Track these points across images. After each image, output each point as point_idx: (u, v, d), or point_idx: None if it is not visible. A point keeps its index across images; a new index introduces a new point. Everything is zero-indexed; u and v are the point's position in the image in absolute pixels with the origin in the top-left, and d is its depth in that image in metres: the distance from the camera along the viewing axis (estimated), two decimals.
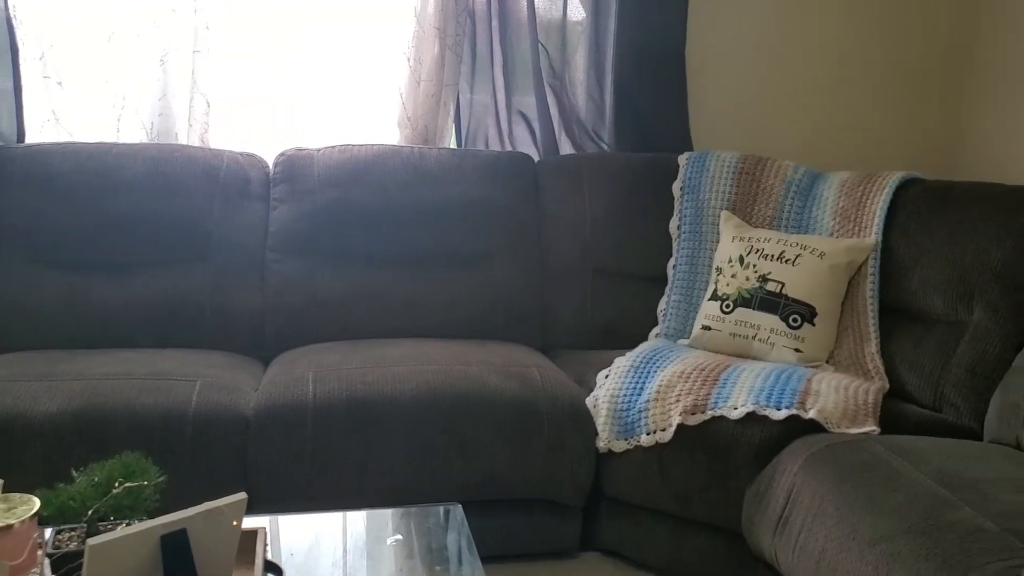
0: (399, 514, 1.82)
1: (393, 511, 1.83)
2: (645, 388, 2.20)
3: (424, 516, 1.79)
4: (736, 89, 3.01)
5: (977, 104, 2.92)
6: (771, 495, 1.92)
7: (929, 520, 1.58)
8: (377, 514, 1.84)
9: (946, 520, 1.57)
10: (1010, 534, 1.52)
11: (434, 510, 1.79)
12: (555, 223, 2.74)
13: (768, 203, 2.68)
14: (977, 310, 2.21)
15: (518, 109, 2.91)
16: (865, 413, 2.06)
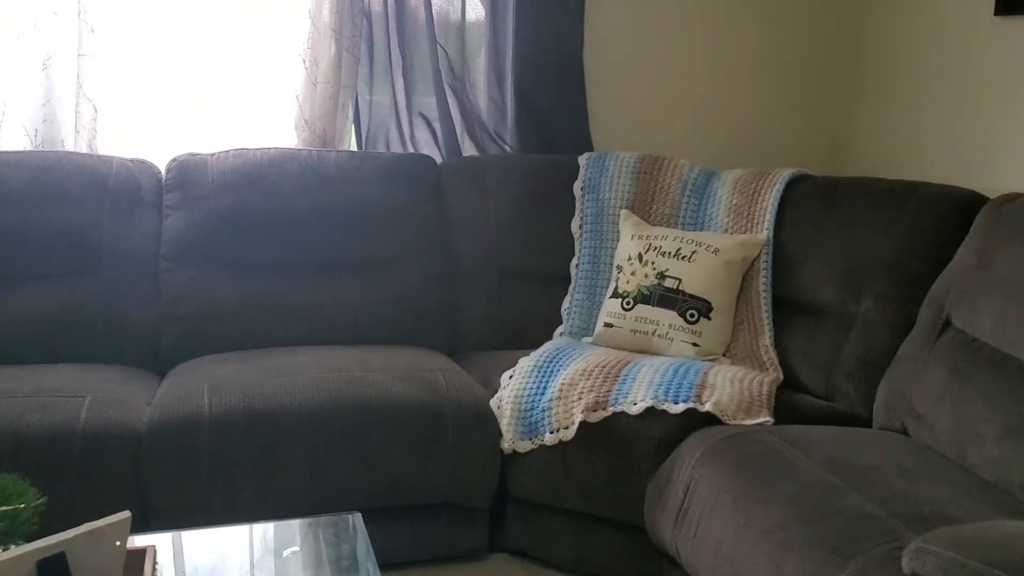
0: (298, 525, 1.79)
1: (292, 522, 1.80)
2: (548, 387, 2.21)
3: (323, 526, 1.76)
4: (634, 90, 3.05)
5: (864, 103, 3.02)
6: (670, 489, 1.95)
7: (819, 508, 1.62)
8: (277, 526, 1.81)
9: (835, 507, 1.61)
10: (895, 518, 1.57)
11: (334, 520, 1.76)
12: (459, 225, 2.73)
13: (666, 201, 2.72)
14: (865, 301, 2.29)
15: (419, 111, 2.89)
16: (760, 404, 2.11)
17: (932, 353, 2.02)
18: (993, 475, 1.78)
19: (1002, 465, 1.76)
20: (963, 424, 1.86)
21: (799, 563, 1.54)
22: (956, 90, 2.63)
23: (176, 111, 2.75)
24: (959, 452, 1.87)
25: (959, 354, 1.95)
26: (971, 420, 1.85)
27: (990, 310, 1.92)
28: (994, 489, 1.75)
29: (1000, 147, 2.48)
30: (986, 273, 1.97)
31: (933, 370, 1.99)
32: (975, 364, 1.91)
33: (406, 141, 2.88)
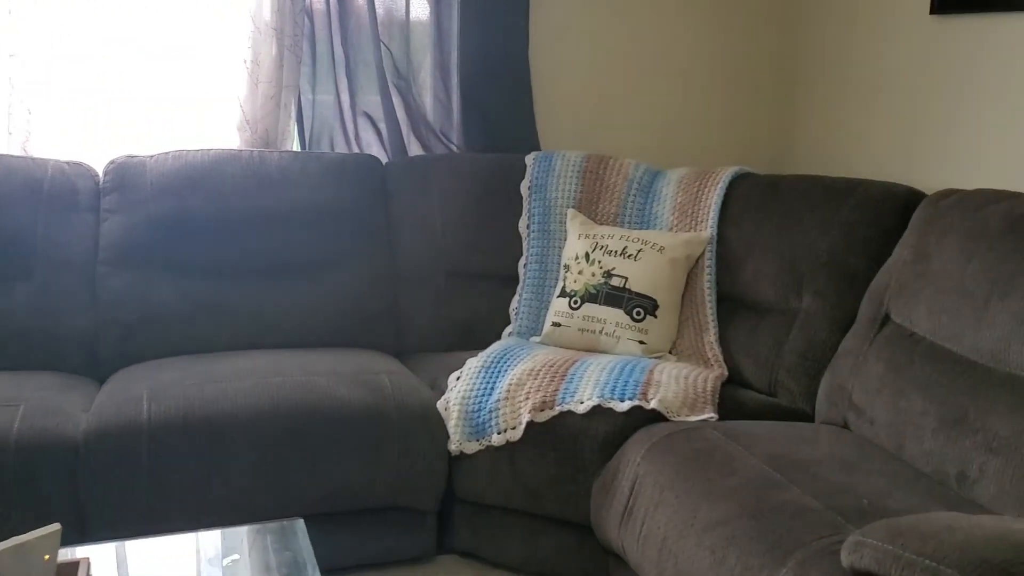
0: (241, 533, 1.76)
1: (234, 530, 1.77)
2: (496, 388, 2.21)
3: (266, 533, 1.74)
4: (581, 89, 3.06)
5: (805, 102, 3.06)
6: (616, 487, 1.96)
7: (760, 502, 1.64)
8: (219, 534, 1.78)
9: (776, 501, 1.63)
10: (834, 511, 1.59)
11: (277, 526, 1.73)
12: (405, 225, 2.71)
13: (612, 200, 2.73)
14: (806, 297, 2.32)
15: (363, 110, 2.86)
16: (704, 401, 2.13)
17: (871, 348, 2.06)
18: (930, 467, 1.81)
19: (938, 457, 1.79)
20: (901, 417, 1.90)
21: (741, 558, 1.55)
22: (894, 89, 2.68)
23: (115, 113, 2.69)
24: (898, 445, 1.90)
25: (897, 348, 1.99)
26: (908, 413, 1.88)
27: (926, 304, 1.96)
28: (931, 481, 1.78)
29: (938, 144, 2.53)
30: (923, 268, 2.01)
31: (872, 364, 2.02)
32: (912, 358, 1.94)
33: (351, 141, 2.85)
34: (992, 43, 2.35)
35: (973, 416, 1.76)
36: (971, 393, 1.78)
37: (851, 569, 1.37)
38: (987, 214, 1.93)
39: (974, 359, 1.83)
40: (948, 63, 2.49)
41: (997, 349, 1.77)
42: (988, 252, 1.86)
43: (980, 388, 1.78)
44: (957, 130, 2.46)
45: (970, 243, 1.91)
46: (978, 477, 1.71)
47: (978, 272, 1.85)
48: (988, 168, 2.37)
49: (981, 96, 2.39)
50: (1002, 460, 1.67)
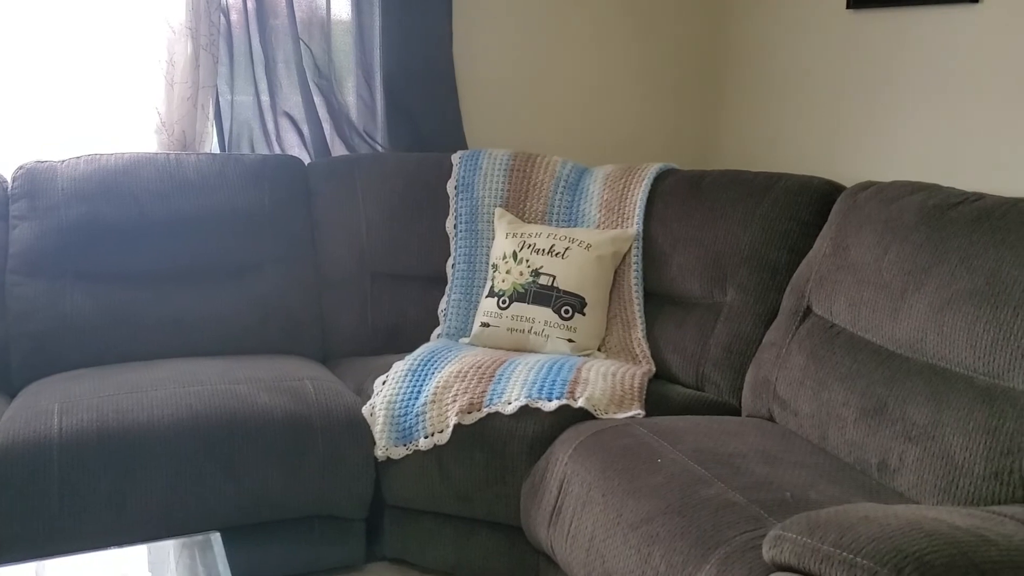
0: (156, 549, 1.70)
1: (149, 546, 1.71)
2: (422, 391, 2.18)
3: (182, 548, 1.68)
4: (507, 87, 3.04)
5: (729, 98, 3.09)
6: (545, 487, 1.94)
7: (684, 498, 1.63)
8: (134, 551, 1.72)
9: (700, 497, 1.63)
10: (757, 505, 1.60)
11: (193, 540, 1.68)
12: (329, 227, 2.66)
13: (539, 199, 2.72)
14: (730, 292, 2.33)
15: (284, 110, 2.80)
16: (631, 397, 2.13)
17: (794, 340, 2.07)
18: (852, 457, 1.83)
19: (859, 447, 1.81)
20: (823, 408, 1.91)
21: (666, 556, 1.55)
22: (814, 83, 2.71)
23: (24, 118, 2.59)
24: (821, 436, 1.91)
25: (818, 340, 2.01)
26: (830, 404, 1.90)
27: (846, 296, 1.98)
28: (853, 471, 1.80)
29: (857, 137, 2.57)
30: (841, 260, 2.03)
31: (795, 356, 2.04)
32: (833, 349, 1.96)
33: (272, 142, 2.79)
34: (907, 37, 2.39)
35: (892, 406, 1.78)
36: (890, 383, 1.80)
37: (772, 563, 1.37)
38: (903, 206, 1.96)
39: (892, 349, 1.85)
40: (865, 57, 2.52)
41: (914, 339, 1.80)
42: (903, 244, 1.88)
43: (898, 378, 1.80)
44: (876, 123, 2.50)
45: (886, 235, 1.93)
46: (898, 466, 1.73)
47: (894, 264, 1.88)
48: (906, 160, 2.41)
49: (898, 89, 2.43)
50: (920, 449, 1.70)
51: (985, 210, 1.80)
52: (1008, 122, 2.13)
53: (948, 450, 1.65)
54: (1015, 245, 1.69)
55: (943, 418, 1.68)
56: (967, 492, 1.61)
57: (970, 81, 2.22)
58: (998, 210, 1.78)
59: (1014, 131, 2.12)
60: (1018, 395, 1.59)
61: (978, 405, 1.64)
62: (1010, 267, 1.67)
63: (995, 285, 1.67)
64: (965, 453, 1.62)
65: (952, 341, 1.72)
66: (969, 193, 1.90)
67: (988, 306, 1.67)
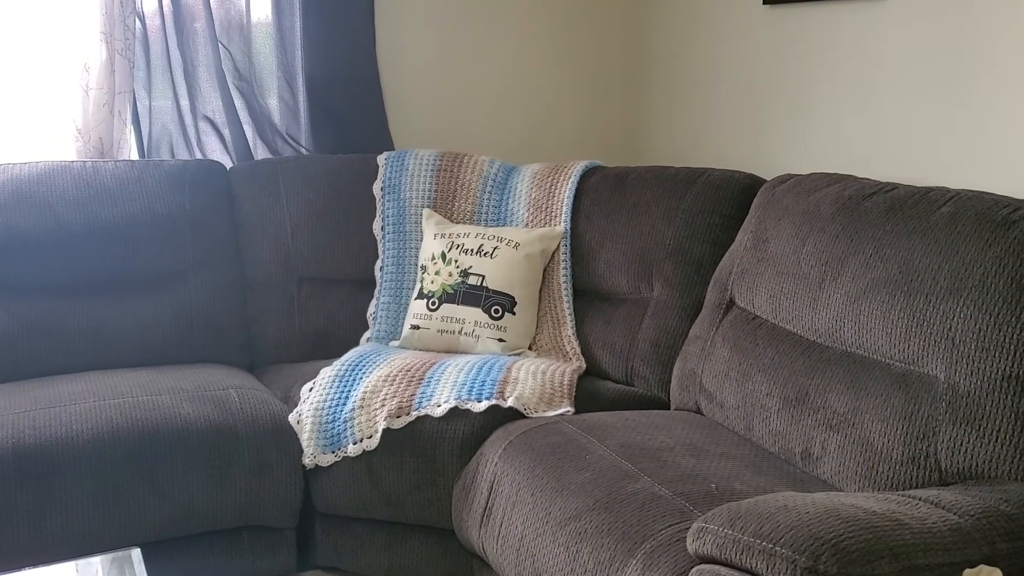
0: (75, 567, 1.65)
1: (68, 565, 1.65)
2: (350, 396, 2.15)
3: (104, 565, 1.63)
4: (432, 86, 3.02)
5: (652, 94, 3.11)
6: (475, 488, 1.93)
7: (611, 494, 1.63)
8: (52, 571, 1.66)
9: (626, 492, 1.63)
10: (682, 498, 1.60)
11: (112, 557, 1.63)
12: (253, 232, 2.61)
13: (467, 199, 2.71)
14: (656, 286, 2.35)
15: (204, 114, 2.74)
16: (561, 395, 2.13)
17: (718, 333, 2.09)
18: (776, 446, 1.85)
19: (783, 436, 1.83)
20: (748, 399, 1.93)
21: (593, 552, 1.55)
22: (733, 79, 2.74)
23: None
24: (746, 427, 1.93)
25: (741, 332, 2.03)
26: (754, 395, 1.92)
27: (767, 288, 2.00)
28: (778, 460, 1.82)
29: (778, 131, 2.60)
30: (762, 253, 2.05)
31: (719, 349, 2.06)
32: (756, 340, 1.98)
33: (192, 147, 2.74)
34: (821, 32, 2.43)
35: (813, 395, 1.80)
36: (810, 372, 1.83)
37: (696, 555, 1.37)
38: (819, 198, 1.99)
39: (812, 339, 1.88)
40: (782, 52, 2.56)
41: (832, 328, 1.83)
42: (820, 235, 1.91)
43: (818, 367, 1.82)
44: (794, 116, 2.54)
45: (804, 226, 1.96)
46: (820, 454, 1.75)
47: (812, 255, 1.91)
48: (824, 152, 2.45)
49: (814, 83, 2.46)
50: (841, 436, 1.72)
51: (898, 200, 1.83)
52: (918, 113, 2.17)
53: (867, 437, 1.67)
54: (926, 233, 1.72)
55: (862, 405, 1.70)
56: (887, 477, 1.64)
57: (882, 74, 2.26)
58: (910, 199, 1.81)
59: (925, 121, 2.16)
60: (932, 380, 1.62)
61: (895, 391, 1.67)
62: (922, 255, 1.70)
63: (908, 273, 1.71)
64: (883, 439, 1.65)
65: (868, 329, 1.75)
66: (883, 183, 1.93)
67: (902, 294, 1.70)
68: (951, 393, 1.58)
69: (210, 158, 2.74)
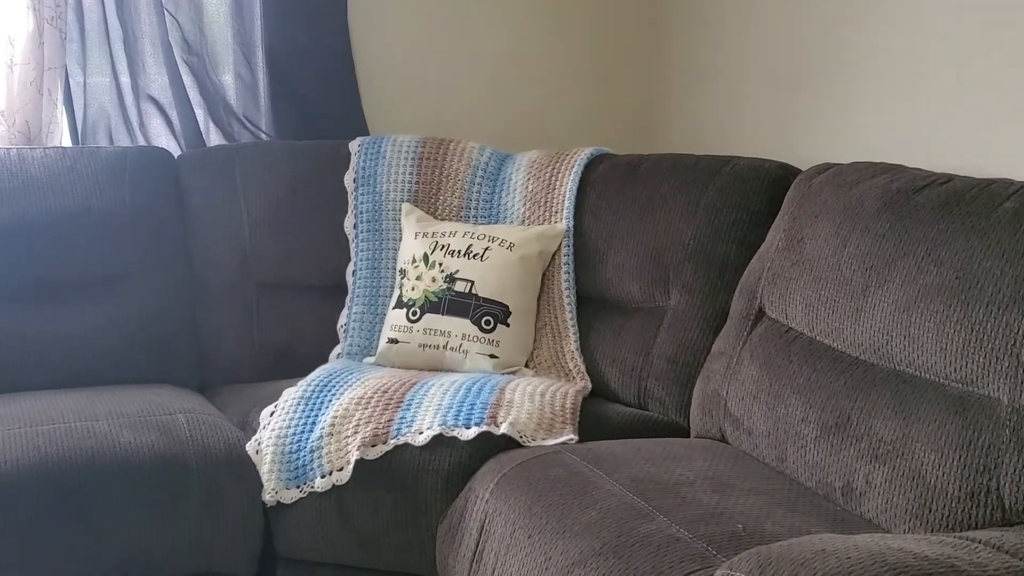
0: None
1: None
2: (318, 422, 2.16)
3: None
4: (414, 62, 3.03)
5: (671, 71, 3.12)
6: (463, 529, 1.94)
7: (621, 536, 1.64)
8: None
9: (639, 534, 1.63)
10: (703, 540, 1.60)
11: None
12: (205, 230, 2.65)
13: (454, 192, 2.73)
14: (674, 293, 2.36)
15: (148, 93, 2.79)
16: (562, 420, 2.14)
17: (745, 348, 2.10)
18: (813, 481, 1.85)
19: (821, 468, 1.83)
20: (780, 426, 1.94)
21: None
22: (764, 52, 2.75)
23: None
24: (778, 457, 1.94)
25: (773, 347, 2.03)
26: (788, 421, 1.92)
27: (802, 296, 2.01)
28: (815, 496, 1.83)
29: (816, 114, 2.61)
30: (797, 255, 2.06)
31: (747, 367, 2.06)
32: (789, 357, 1.99)
33: (134, 131, 2.78)
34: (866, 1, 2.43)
35: (856, 420, 1.81)
36: (853, 394, 1.83)
37: None
38: (863, 191, 1.99)
39: (855, 355, 1.88)
40: (821, 21, 2.57)
41: (878, 343, 1.83)
42: (864, 234, 1.92)
43: (862, 388, 1.83)
44: (835, 96, 2.55)
45: (846, 224, 1.97)
46: (864, 489, 1.76)
47: (855, 257, 1.91)
48: (869, 138, 2.46)
49: (860, 57, 2.47)
50: (888, 468, 1.73)
51: (954, 193, 1.84)
52: (978, 92, 2.18)
53: (919, 469, 1.68)
54: (987, 233, 1.73)
55: (912, 432, 1.71)
56: (941, 515, 1.65)
57: (935, 48, 2.26)
58: (968, 193, 1.82)
59: (985, 102, 2.17)
60: (994, 403, 1.63)
61: (950, 416, 1.67)
62: (982, 258, 1.71)
63: (966, 279, 1.71)
64: (937, 472, 1.66)
65: (920, 344, 1.75)
66: (937, 174, 1.94)
67: (958, 303, 1.70)
68: (1016, 418, 1.58)
69: (155, 144, 2.78)
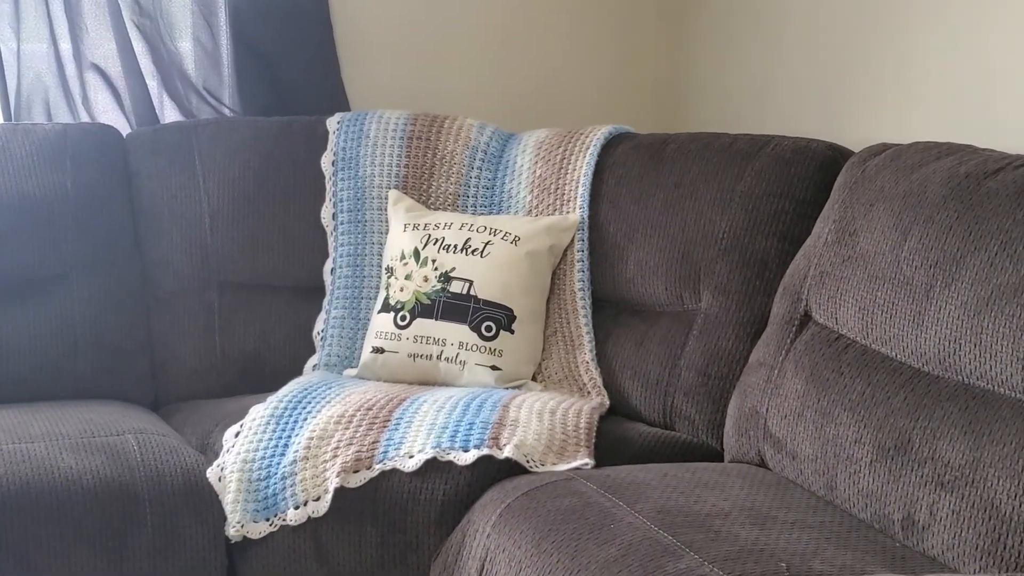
0: None
1: None
2: (291, 444, 2.18)
3: None
4: (402, 28, 3.05)
5: (698, 38, 3.13)
6: (461, 568, 1.95)
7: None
8: None
9: (665, 573, 1.64)
10: None
11: None
12: (159, 222, 2.67)
13: (449, 177, 2.75)
14: (705, 295, 2.37)
15: (92, 62, 2.80)
16: (576, 442, 2.15)
17: (788, 358, 2.10)
18: (868, 512, 1.86)
19: (877, 498, 1.84)
20: (829, 448, 1.94)
21: None
22: (807, 16, 2.76)
23: None
24: (828, 485, 1.94)
25: (820, 357, 2.04)
26: (838, 443, 1.93)
27: (855, 298, 2.02)
28: (870, 530, 1.83)
29: (866, 87, 2.62)
30: (849, 250, 2.07)
31: (790, 380, 2.07)
32: (840, 369, 1.99)
33: (76, 106, 2.80)
34: None
35: (919, 442, 1.81)
36: (915, 412, 1.83)
37: None
38: (926, 176, 2.00)
39: (917, 366, 1.89)
40: None
41: (944, 352, 1.83)
42: (928, 225, 1.92)
43: (926, 405, 1.83)
44: (890, 66, 2.55)
45: (906, 215, 1.97)
46: (928, 522, 1.76)
47: (916, 253, 1.92)
48: (931, 115, 2.46)
49: (917, 20, 2.47)
50: (956, 498, 1.73)
51: None
52: None
53: (992, 498, 1.68)
54: None
55: (984, 456, 1.71)
56: (1018, 552, 1.65)
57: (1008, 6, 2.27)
58: None
59: None
60: None
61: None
62: None
63: None
64: (1014, 502, 1.66)
65: (994, 353, 1.75)
66: (1012, 156, 1.95)
67: None
68: None
69: (100, 121, 2.79)
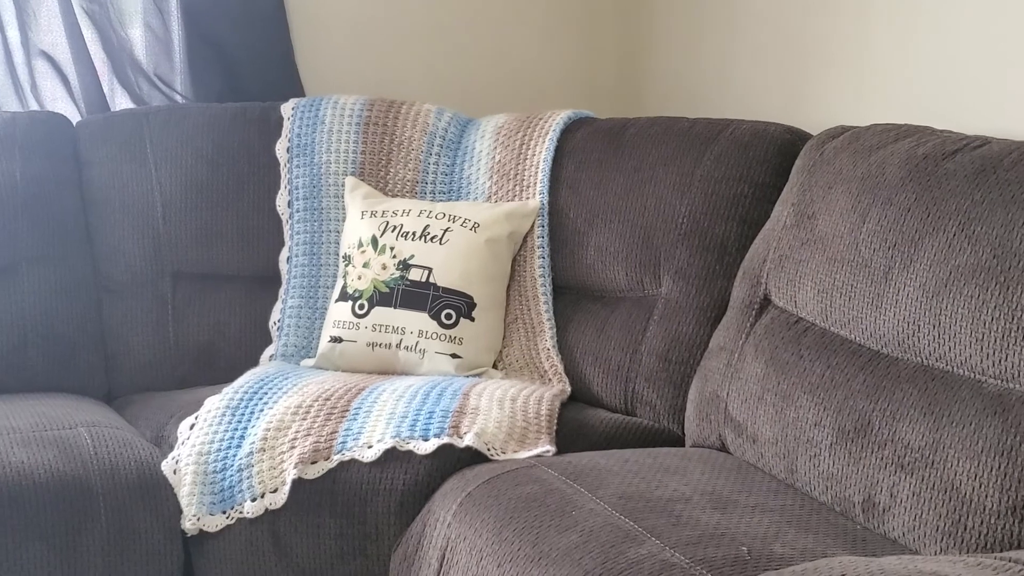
0: None
1: None
2: (247, 436, 2.17)
3: None
4: (359, 10, 3.02)
5: (659, 22, 3.13)
6: (422, 558, 1.95)
7: (607, 562, 1.65)
8: None
9: (627, 559, 1.65)
10: (701, 566, 1.62)
11: None
12: (110, 211, 2.66)
13: (407, 163, 2.76)
14: (665, 280, 2.38)
15: (41, 49, 2.79)
16: (537, 429, 2.16)
17: (748, 342, 2.12)
18: (828, 495, 1.87)
19: (837, 480, 1.85)
20: (790, 432, 1.96)
21: None
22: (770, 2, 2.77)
23: None
24: (788, 468, 1.96)
25: (780, 340, 2.05)
26: (799, 426, 1.94)
27: (814, 280, 2.03)
28: (831, 513, 1.85)
29: (824, 69, 2.63)
30: (808, 233, 2.08)
31: (750, 364, 2.08)
32: (800, 352, 2.01)
33: (24, 94, 2.79)
34: None
35: (878, 424, 1.82)
36: (874, 394, 1.85)
37: None
38: (884, 157, 2.01)
39: (876, 348, 1.90)
40: None
41: (903, 334, 1.85)
42: (886, 207, 1.93)
43: (885, 387, 1.85)
44: (849, 48, 2.56)
45: (864, 197, 1.98)
46: (888, 504, 1.78)
47: (875, 235, 1.93)
48: (889, 96, 2.48)
49: (876, 3, 2.49)
50: (916, 479, 1.74)
51: (991, 159, 1.86)
52: (1019, 39, 2.20)
53: (952, 480, 1.70)
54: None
55: (944, 438, 1.73)
56: (978, 533, 1.66)
57: None
58: (1007, 159, 1.84)
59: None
60: None
61: (988, 418, 1.69)
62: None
63: (1005, 258, 1.73)
64: (974, 483, 1.68)
65: (953, 334, 1.77)
66: (970, 137, 1.96)
67: (997, 286, 1.72)
68: None
69: (49, 109, 2.78)
